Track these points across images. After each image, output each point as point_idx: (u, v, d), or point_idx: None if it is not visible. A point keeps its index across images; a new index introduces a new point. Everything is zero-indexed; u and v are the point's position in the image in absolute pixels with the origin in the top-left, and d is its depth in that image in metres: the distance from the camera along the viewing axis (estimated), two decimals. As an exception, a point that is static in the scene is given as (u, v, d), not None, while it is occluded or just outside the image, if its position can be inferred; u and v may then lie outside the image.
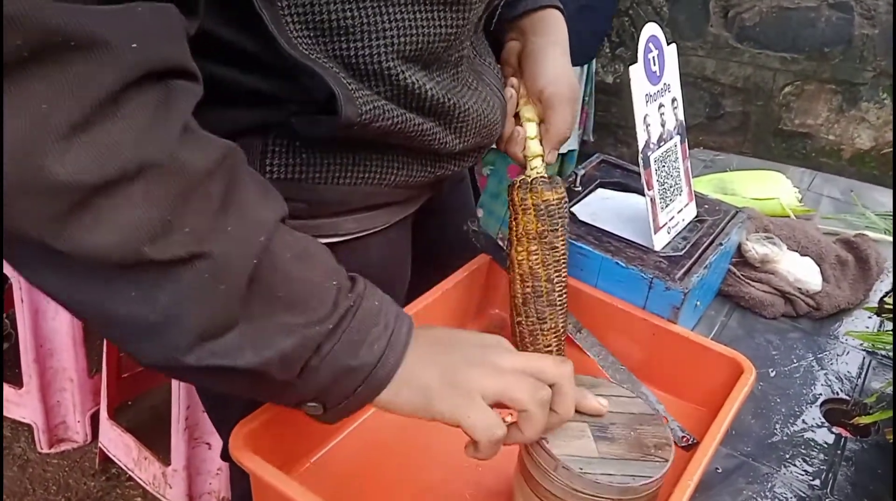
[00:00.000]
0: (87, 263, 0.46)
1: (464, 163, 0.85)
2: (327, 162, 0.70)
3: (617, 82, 2.27)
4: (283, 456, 0.76)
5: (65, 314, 1.74)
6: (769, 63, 2.08)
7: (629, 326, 0.96)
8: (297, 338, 0.56)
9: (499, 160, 2.08)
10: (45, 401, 1.81)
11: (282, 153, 0.69)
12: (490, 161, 2.10)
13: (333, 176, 0.71)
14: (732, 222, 1.12)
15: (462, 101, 0.76)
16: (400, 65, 0.66)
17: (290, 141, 0.68)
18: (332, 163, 0.70)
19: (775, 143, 2.16)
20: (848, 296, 1.19)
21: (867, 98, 2.01)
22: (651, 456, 0.69)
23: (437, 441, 0.85)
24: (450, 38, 0.68)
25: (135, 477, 1.76)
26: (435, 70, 0.72)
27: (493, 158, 2.09)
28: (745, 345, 1.08)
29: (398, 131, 0.69)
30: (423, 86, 0.69)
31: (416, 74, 0.68)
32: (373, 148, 0.72)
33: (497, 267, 1.03)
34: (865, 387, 1.03)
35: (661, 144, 1.03)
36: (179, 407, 1.56)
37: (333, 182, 0.71)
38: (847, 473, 0.89)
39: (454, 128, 0.76)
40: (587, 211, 1.09)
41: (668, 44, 1.04)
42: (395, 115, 0.67)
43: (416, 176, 0.77)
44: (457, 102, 0.75)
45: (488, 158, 2.09)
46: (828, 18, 1.97)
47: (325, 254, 0.61)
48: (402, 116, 0.68)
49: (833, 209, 1.50)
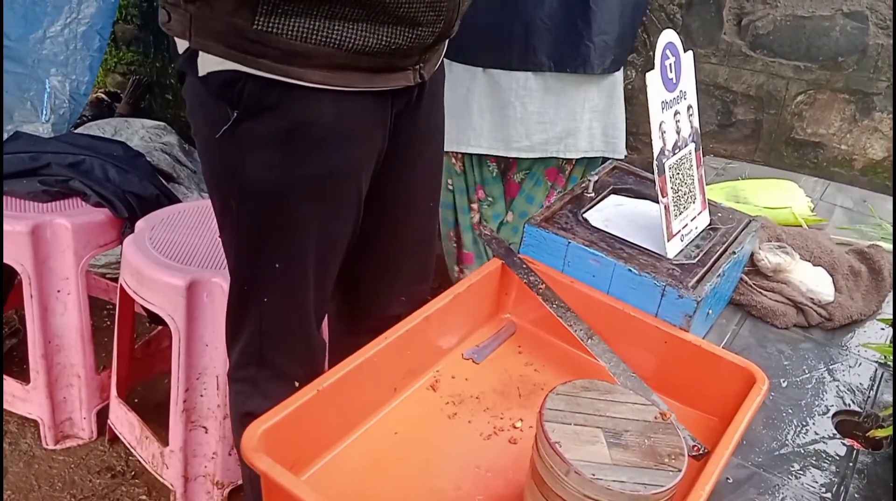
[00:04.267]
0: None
1: (418, 37, 0.94)
2: (298, 23, 0.89)
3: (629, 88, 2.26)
4: (293, 458, 0.76)
5: (73, 311, 1.74)
6: (782, 72, 2.07)
7: (641, 333, 0.96)
8: None
9: (537, 164, 2.08)
10: (51, 397, 1.82)
11: (268, 13, 0.88)
12: (526, 167, 2.10)
13: (302, 35, 0.90)
14: (745, 231, 1.11)
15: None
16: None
17: (275, 6, 0.88)
18: (302, 25, 0.89)
19: (787, 152, 2.15)
20: (860, 307, 1.18)
21: (880, 108, 2.00)
22: (664, 465, 0.68)
23: (448, 447, 0.85)
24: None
25: (136, 455, 1.78)
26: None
27: (531, 163, 2.08)
28: (757, 355, 1.08)
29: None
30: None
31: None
32: (334, 17, 0.89)
33: (509, 271, 1.03)
34: (878, 399, 1.02)
35: (676, 151, 1.03)
36: (178, 390, 1.58)
37: (302, 40, 0.90)
38: (859, 486, 0.88)
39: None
40: (600, 217, 1.09)
41: (684, 51, 1.04)
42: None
43: (371, 44, 0.92)
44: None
45: (524, 163, 2.09)
46: (842, 28, 1.97)
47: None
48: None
49: (846, 219, 1.49)
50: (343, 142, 1.00)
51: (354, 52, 0.92)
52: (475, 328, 1.03)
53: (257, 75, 0.92)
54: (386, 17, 0.92)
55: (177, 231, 1.66)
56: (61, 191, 1.78)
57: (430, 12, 0.94)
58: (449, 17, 0.97)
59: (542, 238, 1.03)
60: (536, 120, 1.95)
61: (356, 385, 0.82)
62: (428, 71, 1.05)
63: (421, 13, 0.93)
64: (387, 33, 0.93)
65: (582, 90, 1.95)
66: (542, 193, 2.12)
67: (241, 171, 1.00)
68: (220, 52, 0.92)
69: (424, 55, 1.02)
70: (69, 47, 2.30)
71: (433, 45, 1.01)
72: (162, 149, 2.48)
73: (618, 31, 1.89)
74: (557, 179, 2.12)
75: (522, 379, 0.96)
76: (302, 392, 0.76)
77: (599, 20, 1.85)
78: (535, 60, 1.87)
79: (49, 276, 1.71)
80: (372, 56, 0.94)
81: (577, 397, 0.74)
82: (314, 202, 1.03)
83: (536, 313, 1.01)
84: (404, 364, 0.90)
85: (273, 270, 1.06)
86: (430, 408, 0.90)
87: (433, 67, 1.08)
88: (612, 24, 1.87)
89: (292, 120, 0.96)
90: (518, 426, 0.89)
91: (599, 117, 2.01)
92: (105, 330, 2.19)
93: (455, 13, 0.98)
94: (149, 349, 1.97)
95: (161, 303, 1.53)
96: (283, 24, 0.89)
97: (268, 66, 0.92)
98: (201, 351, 1.56)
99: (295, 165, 0.99)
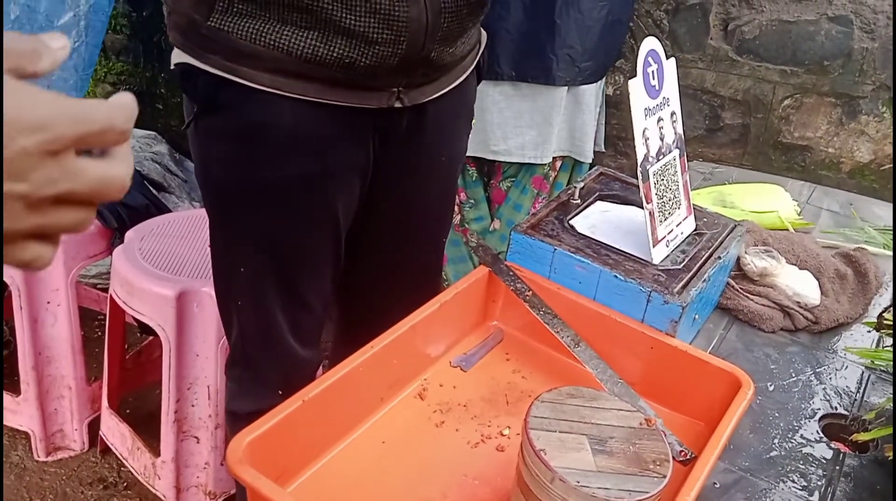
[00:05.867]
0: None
1: (378, 56, 0.91)
2: (249, 24, 0.90)
3: (616, 94, 2.27)
4: (279, 469, 0.76)
5: (64, 322, 1.74)
6: (769, 76, 2.09)
7: (627, 339, 0.96)
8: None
9: (523, 172, 2.10)
10: (42, 409, 1.81)
11: (223, 11, 0.91)
12: (512, 174, 2.12)
13: (251, 36, 0.91)
14: (731, 236, 1.12)
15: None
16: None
17: (231, 4, 0.90)
18: (253, 26, 0.90)
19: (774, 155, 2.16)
20: (847, 310, 1.19)
21: (867, 111, 2.01)
22: (649, 472, 0.69)
23: (435, 456, 0.85)
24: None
25: (128, 466, 1.78)
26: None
27: (516, 170, 2.10)
28: (744, 359, 1.08)
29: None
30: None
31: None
32: (286, 23, 0.90)
33: (496, 279, 1.03)
34: (864, 402, 1.03)
35: (660, 157, 1.04)
36: (169, 401, 1.58)
37: (251, 41, 0.91)
38: (846, 489, 0.89)
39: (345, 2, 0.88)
40: (586, 224, 1.09)
41: (667, 58, 1.04)
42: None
43: (322, 55, 0.91)
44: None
45: (510, 171, 2.11)
46: (827, 32, 1.98)
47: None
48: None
49: (832, 223, 1.50)
50: (304, 151, 1.00)
51: (305, 60, 0.92)
52: (462, 335, 1.03)
53: (209, 71, 0.94)
54: (336, 29, 0.90)
55: (167, 241, 1.66)
56: (50, 202, 1.78)
57: (385, 30, 0.90)
58: (414, 40, 0.93)
59: (529, 245, 1.03)
60: (513, 125, 1.99)
61: (343, 395, 0.82)
62: (414, 97, 1.01)
63: (373, 29, 0.90)
64: (340, 46, 0.91)
65: (551, 98, 1.98)
66: (529, 201, 2.14)
67: (206, 166, 1.05)
68: (181, 45, 0.96)
69: (403, 79, 0.98)
70: (77, 71, 2.30)
71: (413, 69, 0.97)
72: (152, 158, 2.48)
73: (585, 47, 1.92)
74: (542, 187, 2.14)
75: (510, 387, 0.97)
76: (288, 403, 0.77)
77: (564, 34, 1.88)
78: (496, 70, 1.91)
79: (38, 287, 1.71)
80: (327, 68, 0.93)
81: (563, 404, 0.75)
82: (272, 209, 1.03)
83: (524, 320, 1.02)
84: (391, 373, 0.90)
85: (238, 273, 1.09)
86: (417, 417, 0.90)
87: (424, 96, 1.03)
88: (579, 38, 1.89)
89: (247, 121, 0.97)
90: (506, 434, 0.89)
91: (567, 120, 2.05)
92: (96, 341, 2.18)
93: (422, 36, 0.93)
94: (140, 359, 1.97)
95: (151, 313, 1.53)
96: (236, 24, 0.91)
97: (218, 63, 0.94)
98: (192, 361, 1.56)
99: (251, 167, 1.01)
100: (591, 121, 2.07)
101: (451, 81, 1.08)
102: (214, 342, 1.53)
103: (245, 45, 0.92)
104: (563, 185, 2.13)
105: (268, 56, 0.92)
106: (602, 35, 1.94)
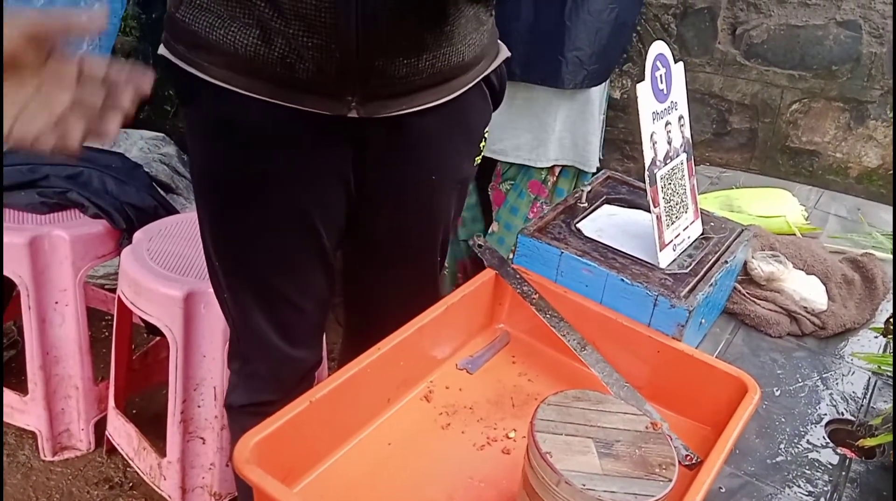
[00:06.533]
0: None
1: (316, 61, 0.90)
2: (205, 17, 0.92)
3: (624, 98, 2.27)
4: (286, 470, 0.76)
5: (71, 322, 1.75)
6: (777, 80, 2.08)
7: (634, 343, 0.96)
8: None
9: (520, 176, 2.10)
10: (49, 409, 1.82)
11: (188, 4, 0.93)
12: (510, 177, 2.12)
13: (205, 29, 0.93)
14: (738, 240, 1.12)
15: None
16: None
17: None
18: (208, 20, 0.92)
19: (782, 160, 2.16)
20: (854, 316, 1.18)
21: (875, 116, 2.01)
22: (655, 475, 0.69)
23: (441, 458, 0.86)
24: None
25: (134, 466, 1.78)
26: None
27: (515, 173, 2.11)
28: (750, 364, 1.08)
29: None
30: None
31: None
32: (234, 19, 0.90)
33: (503, 282, 1.03)
34: (871, 408, 1.03)
35: (668, 161, 1.04)
36: (176, 401, 1.58)
37: (205, 34, 0.93)
38: (852, 495, 0.88)
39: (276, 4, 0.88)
40: (593, 227, 1.09)
41: (675, 62, 1.04)
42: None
43: (264, 55, 0.91)
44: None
45: (509, 173, 2.12)
46: (836, 36, 1.98)
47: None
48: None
49: (840, 228, 1.50)
50: (269, 151, 1.00)
51: (249, 58, 0.92)
52: (469, 338, 1.03)
53: (174, 62, 0.97)
54: (275, 30, 0.89)
55: (174, 242, 1.67)
56: (59, 203, 1.79)
57: (314, 36, 0.88)
58: (346, 48, 0.89)
59: (536, 248, 1.03)
60: (509, 126, 1.98)
61: (349, 396, 0.82)
62: (374, 110, 0.96)
63: (302, 34, 0.88)
64: (280, 47, 0.90)
65: (554, 103, 1.98)
66: (526, 205, 2.14)
67: (190, 158, 1.08)
68: (164, 39, 1.00)
69: (357, 88, 0.94)
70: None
71: (363, 79, 0.93)
72: (161, 160, 2.49)
73: (593, 49, 1.90)
74: (541, 191, 2.14)
75: (516, 389, 0.97)
76: (295, 404, 0.77)
77: (573, 36, 1.87)
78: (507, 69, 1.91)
79: (47, 287, 1.72)
80: (271, 67, 0.92)
81: (569, 407, 0.75)
82: (241, 207, 1.04)
83: (530, 323, 1.02)
84: (398, 375, 0.90)
85: (217, 268, 1.11)
86: (423, 419, 0.90)
87: (387, 109, 0.97)
88: (587, 41, 1.89)
89: (216, 116, 0.99)
90: (511, 437, 0.89)
91: (571, 129, 2.03)
92: (104, 341, 2.19)
93: (353, 45, 0.89)
94: (146, 359, 1.97)
95: (158, 314, 1.54)
96: (196, 16, 0.93)
97: (179, 53, 0.96)
98: (199, 362, 1.57)
99: (220, 163, 1.02)
100: (595, 130, 2.06)
101: (434, 98, 1.01)
102: (221, 343, 1.53)
103: (202, 39, 0.93)
104: (564, 191, 2.14)
105: (220, 51, 0.93)
106: (610, 37, 1.94)
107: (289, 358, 1.15)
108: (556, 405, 0.75)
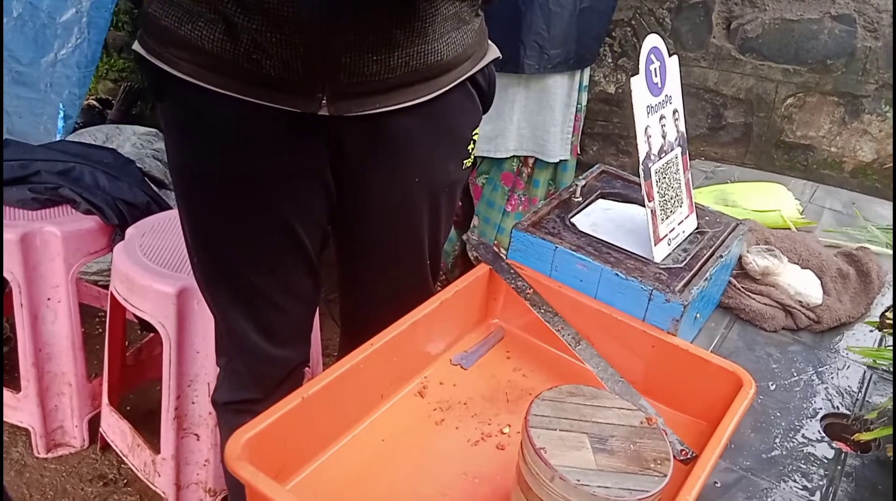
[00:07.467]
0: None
1: (282, 58, 0.89)
2: (174, 12, 0.91)
3: (619, 92, 2.27)
4: (278, 466, 0.76)
5: (64, 318, 1.74)
6: (771, 75, 2.08)
7: (629, 338, 0.96)
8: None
9: (493, 169, 2.10)
10: (43, 405, 1.81)
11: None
12: (484, 170, 2.12)
13: (174, 23, 0.92)
14: (733, 235, 1.11)
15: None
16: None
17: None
18: (176, 14, 0.91)
19: (777, 154, 2.16)
20: (849, 309, 1.18)
21: (869, 110, 2.01)
22: (650, 470, 0.68)
23: (435, 454, 0.85)
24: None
25: (128, 462, 1.78)
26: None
27: (488, 166, 2.11)
28: (745, 358, 1.08)
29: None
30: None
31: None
32: (198, 14, 0.90)
33: (497, 277, 1.03)
34: (866, 402, 1.03)
35: (662, 155, 1.03)
36: (169, 398, 1.57)
37: (175, 30, 0.92)
38: (847, 489, 0.88)
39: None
40: (588, 222, 1.09)
41: (669, 55, 1.04)
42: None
43: (229, 50, 0.90)
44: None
45: (482, 167, 2.11)
46: (830, 31, 1.98)
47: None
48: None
49: (834, 222, 1.49)
50: (240, 148, 0.98)
51: (217, 54, 0.91)
52: (463, 333, 1.03)
53: (144, 56, 0.96)
54: (239, 26, 0.88)
55: (167, 238, 1.66)
56: (51, 199, 1.78)
57: (276, 31, 0.87)
58: (309, 44, 0.88)
59: (530, 243, 1.03)
60: None
61: (343, 392, 0.82)
62: (344, 108, 0.94)
63: (266, 29, 0.87)
64: (245, 43, 0.89)
65: (510, 92, 1.96)
66: (501, 197, 2.14)
67: (167, 151, 1.07)
68: (139, 35, 0.99)
69: (325, 85, 0.92)
70: (80, 68, 2.30)
71: (330, 76, 0.91)
72: (153, 155, 2.48)
73: (553, 33, 1.88)
74: (517, 184, 2.13)
75: (511, 385, 0.96)
76: (287, 400, 0.76)
77: (530, 21, 1.85)
78: None
79: (39, 284, 1.71)
80: (237, 64, 0.91)
81: (563, 402, 0.74)
82: (213, 204, 1.03)
83: (524, 318, 1.01)
84: (391, 371, 0.90)
85: (195, 263, 1.10)
86: (417, 415, 0.90)
87: (361, 107, 0.95)
88: (545, 24, 1.87)
89: (187, 111, 0.98)
90: (506, 432, 0.89)
91: (528, 119, 2.02)
92: (97, 337, 2.18)
93: (317, 40, 0.88)
94: (140, 356, 1.96)
95: (151, 310, 1.53)
96: (166, 12, 0.92)
97: (151, 48, 0.95)
98: (192, 358, 1.56)
99: (193, 158, 1.01)
100: (555, 119, 2.03)
101: (411, 98, 0.98)
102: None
103: (172, 34, 0.92)
104: (539, 183, 2.13)
105: (189, 47, 0.92)
106: (571, 22, 1.92)
107: (271, 358, 1.13)
108: (550, 400, 0.74)
